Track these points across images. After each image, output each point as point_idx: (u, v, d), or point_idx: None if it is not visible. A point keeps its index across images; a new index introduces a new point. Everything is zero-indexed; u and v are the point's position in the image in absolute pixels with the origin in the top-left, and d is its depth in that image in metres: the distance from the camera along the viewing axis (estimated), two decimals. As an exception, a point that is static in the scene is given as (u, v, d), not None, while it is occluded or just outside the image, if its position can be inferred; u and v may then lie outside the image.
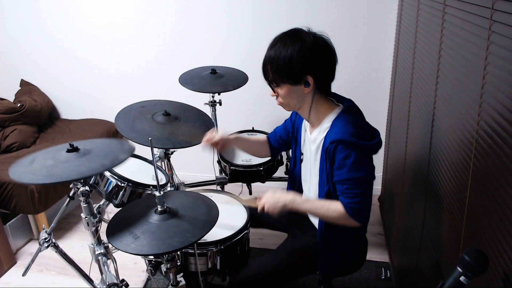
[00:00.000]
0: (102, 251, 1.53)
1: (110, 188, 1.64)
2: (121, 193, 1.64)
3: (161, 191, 1.19)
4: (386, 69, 2.52)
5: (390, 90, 2.53)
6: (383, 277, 2.13)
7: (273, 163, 2.12)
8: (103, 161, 1.24)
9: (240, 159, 2.14)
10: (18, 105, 2.79)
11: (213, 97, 2.29)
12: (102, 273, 1.54)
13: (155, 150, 1.86)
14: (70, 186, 1.43)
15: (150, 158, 1.87)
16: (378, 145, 1.33)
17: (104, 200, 1.64)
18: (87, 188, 1.42)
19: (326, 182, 1.35)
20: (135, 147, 1.35)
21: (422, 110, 1.58)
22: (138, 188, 1.65)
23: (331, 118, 1.35)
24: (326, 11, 2.48)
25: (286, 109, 1.40)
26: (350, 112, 1.36)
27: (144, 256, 1.54)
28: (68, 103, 3.19)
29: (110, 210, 1.61)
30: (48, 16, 2.90)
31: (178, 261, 1.36)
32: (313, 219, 1.57)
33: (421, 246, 1.54)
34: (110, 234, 1.15)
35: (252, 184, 2.22)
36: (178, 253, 1.43)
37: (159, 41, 2.81)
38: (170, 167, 1.92)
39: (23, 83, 3.12)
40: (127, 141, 1.43)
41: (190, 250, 1.43)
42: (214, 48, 2.74)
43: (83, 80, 3.06)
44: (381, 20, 2.44)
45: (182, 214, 1.21)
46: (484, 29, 0.96)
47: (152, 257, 1.47)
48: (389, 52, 2.48)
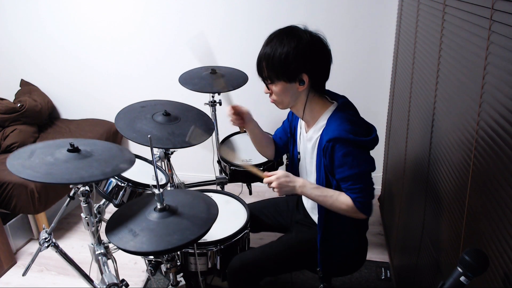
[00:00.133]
0: (102, 251, 1.53)
1: (110, 188, 1.65)
2: (121, 193, 1.64)
3: (160, 189, 1.19)
4: (386, 69, 2.52)
5: (390, 90, 2.53)
6: (383, 277, 2.13)
7: (273, 163, 2.12)
8: (104, 168, 1.23)
9: (240, 159, 2.14)
10: (18, 105, 2.79)
11: (213, 97, 2.29)
12: (102, 273, 1.54)
13: (155, 150, 1.86)
14: (70, 186, 1.43)
15: (150, 158, 1.87)
16: (375, 140, 1.33)
17: (104, 200, 1.64)
18: (87, 188, 1.42)
19: (324, 179, 1.36)
20: (135, 159, 1.35)
21: (422, 110, 1.58)
22: (138, 188, 1.66)
23: (326, 116, 1.35)
24: (326, 11, 2.48)
25: (279, 107, 1.40)
26: (345, 109, 1.36)
27: (144, 255, 1.54)
28: (68, 103, 3.19)
29: (110, 210, 1.61)
30: (48, 16, 2.90)
31: (178, 261, 1.36)
32: (313, 217, 1.57)
33: (421, 246, 1.54)
34: (109, 232, 1.14)
35: (252, 184, 2.22)
36: (178, 253, 1.43)
37: (159, 41, 2.81)
38: (170, 167, 1.92)
39: (23, 83, 3.12)
40: (128, 149, 1.42)
41: (190, 250, 1.43)
42: (214, 48, 2.74)
43: (83, 80, 3.06)
44: (381, 20, 2.44)
45: (182, 212, 1.21)
46: (484, 29, 0.96)
47: (152, 257, 1.47)
48: (389, 52, 2.48)
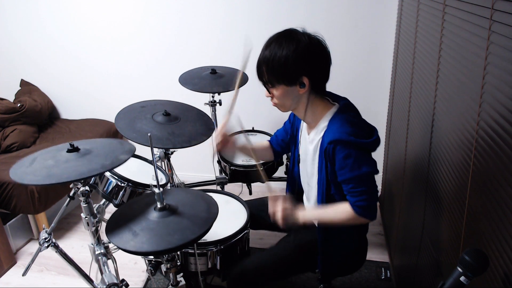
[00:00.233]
0: (102, 251, 1.53)
1: (110, 188, 1.65)
2: (121, 193, 1.64)
3: (160, 188, 1.19)
4: (386, 69, 2.52)
5: (390, 90, 2.53)
6: (383, 277, 2.13)
7: (273, 163, 2.12)
8: (103, 161, 1.24)
9: (240, 159, 2.14)
10: (18, 105, 2.79)
11: (213, 97, 2.29)
12: (102, 273, 1.54)
13: (155, 150, 1.86)
14: (70, 186, 1.43)
15: (150, 158, 1.87)
16: (376, 142, 1.33)
17: (104, 200, 1.64)
18: (87, 188, 1.42)
19: (326, 181, 1.36)
20: (135, 148, 1.35)
21: (422, 110, 1.58)
22: (138, 188, 1.66)
23: (328, 117, 1.35)
24: (326, 11, 2.48)
25: (281, 110, 1.39)
26: (346, 110, 1.36)
27: (144, 255, 1.54)
28: (68, 103, 3.19)
29: (110, 210, 1.61)
30: (48, 16, 2.90)
31: (178, 261, 1.36)
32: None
33: (421, 246, 1.54)
34: (109, 231, 1.14)
35: (252, 184, 2.23)
36: (178, 253, 1.43)
37: (159, 41, 2.81)
38: (170, 167, 1.92)
39: (23, 83, 3.12)
40: (128, 141, 1.42)
41: (190, 250, 1.43)
42: (214, 48, 2.74)
43: (83, 80, 3.06)
44: (381, 20, 2.44)
45: (182, 211, 1.20)
46: (484, 29, 0.96)
47: (152, 257, 1.47)
48: (389, 52, 2.48)
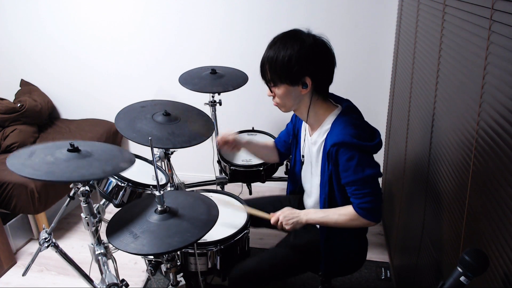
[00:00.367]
0: (102, 251, 1.53)
1: (110, 188, 1.65)
2: (121, 193, 1.64)
3: (161, 191, 1.19)
4: (386, 69, 2.52)
5: (390, 90, 2.53)
6: (383, 277, 2.13)
7: (272, 164, 2.12)
8: (105, 166, 1.23)
9: (240, 159, 2.14)
10: (18, 105, 2.79)
11: (213, 97, 2.29)
12: (102, 273, 1.54)
13: (155, 150, 1.86)
14: (70, 186, 1.43)
15: (150, 158, 1.87)
16: (379, 145, 1.33)
17: (104, 200, 1.64)
18: (87, 188, 1.42)
19: (328, 183, 1.36)
20: (135, 159, 1.35)
21: (422, 110, 1.58)
22: (138, 188, 1.65)
23: (331, 119, 1.35)
24: (326, 11, 2.48)
25: (282, 110, 1.39)
26: (349, 112, 1.36)
27: (144, 256, 1.54)
28: (68, 103, 3.19)
29: (110, 210, 1.61)
30: (48, 16, 2.90)
31: (178, 261, 1.36)
32: None
33: (421, 246, 1.54)
34: (109, 234, 1.14)
35: (252, 184, 2.22)
36: (178, 253, 1.43)
37: (159, 41, 2.81)
38: (170, 167, 1.92)
39: (23, 83, 3.12)
40: (127, 150, 1.42)
41: (190, 250, 1.43)
42: (214, 48, 2.74)
43: (83, 80, 3.06)
44: (381, 20, 2.44)
45: (182, 213, 1.21)
46: (484, 29, 0.96)
47: (152, 257, 1.47)
48: (389, 52, 2.48)
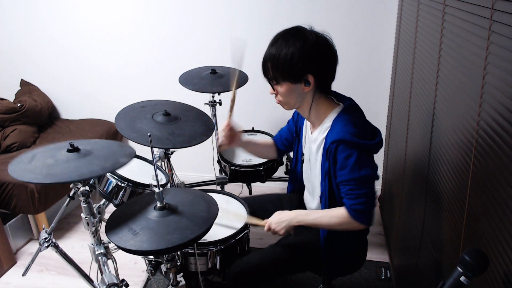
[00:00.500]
0: (102, 251, 1.53)
1: (110, 188, 1.65)
2: (121, 193, 1.64)
3: (160, 188, 1.19)
4: (386, 69, 2.52)
5: (390, 90, 2.53)
6: (383, 277, 2.13)
7: (273, 163, 2.12)
8: (104, 163, 1.23)
9: (240, 159, 2.14)
10: (18, 105, 2.79)
11: (213, 97, 2.29)
12: (102, 273, 1.54)
13: (155, 150, 1.86)
14: (70, 186, 1.43)
15: (150, 158, 1.87)
16: (379, 144, 1.33)
17: (104, 200, 1.64)
18: (87, 188, 1.42)
19: (328, 181, 1.35)
20: (135, 151, 1.35)
21: (422, 110, 1.58)
22: (138, 188, 1.66)
23: (332, 117, 1.35)
24: (326, 11, 2.48)
25: (285, 107, 1.39)
26: (351, 111, 1.35)
27: (144, 254, 1.54)
28: (68, 103, 3.19)
29: (110, 210, 1.61)
30: (48, 16, 2.90)
31: (178, 261, 1.36)
32: None
33: (421, 246, 1.54)
34: (109, 230, 1.14)
35: (252, 184, 2.23)
36: (178, 253, 1.43)
37: (159, 41, 2.81)
38: (170, 167, 1.92)
39: (23, 83, 3.12)
40: (128, 144, 1.42)
41: (190, 250, 1.43)
42: (214, 48, 2.74)
43: (83, 80, 3.06)
44: (381, 20, 2.44)
45: (182, 210, 1.20)
46: (484, 29, 0.96)
47: (152, 257, 1.47)
48: (389, 52, 2.48)
